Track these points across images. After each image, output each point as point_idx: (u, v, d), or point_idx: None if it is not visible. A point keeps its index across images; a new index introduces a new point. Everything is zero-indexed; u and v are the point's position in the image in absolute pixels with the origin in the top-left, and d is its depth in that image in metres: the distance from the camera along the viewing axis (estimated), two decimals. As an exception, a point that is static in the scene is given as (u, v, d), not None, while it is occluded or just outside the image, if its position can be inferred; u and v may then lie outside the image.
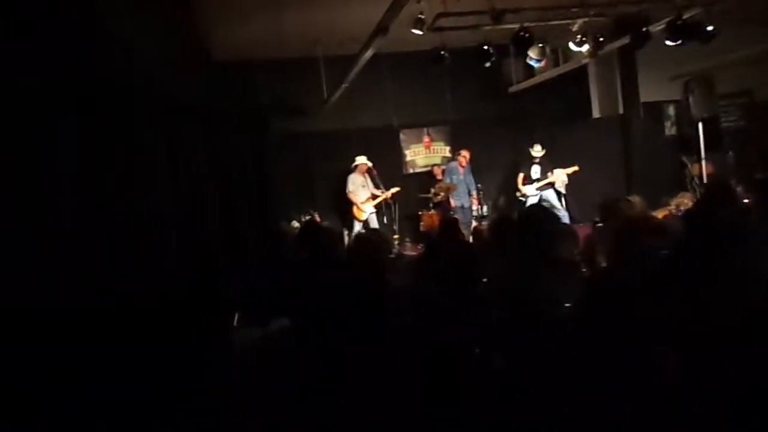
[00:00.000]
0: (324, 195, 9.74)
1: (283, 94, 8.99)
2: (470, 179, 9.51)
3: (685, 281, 2.66)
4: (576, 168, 9.01)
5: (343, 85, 7.66)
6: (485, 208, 9.48)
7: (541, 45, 5.64)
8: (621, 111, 10.02)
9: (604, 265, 3.94)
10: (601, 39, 5.61)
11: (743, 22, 6.64)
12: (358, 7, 6.86)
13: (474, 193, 9.47)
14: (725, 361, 2.20)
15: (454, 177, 9.36)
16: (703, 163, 8.67)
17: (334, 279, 3.54)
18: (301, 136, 9.43)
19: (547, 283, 2.96)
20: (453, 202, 9.25)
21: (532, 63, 6.07)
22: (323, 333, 3.59)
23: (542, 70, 9.62)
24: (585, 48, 6.15)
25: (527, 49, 5.62)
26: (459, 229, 4.61)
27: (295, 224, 8.96)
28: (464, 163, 9.37)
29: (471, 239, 5.78)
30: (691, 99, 8.06)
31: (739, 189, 9.43)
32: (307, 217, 9.01)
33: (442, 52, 5.65)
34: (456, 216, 8.53)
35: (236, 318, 6.08)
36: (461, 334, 2.62)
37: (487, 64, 5.74)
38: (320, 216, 9.30)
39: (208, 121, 6.75)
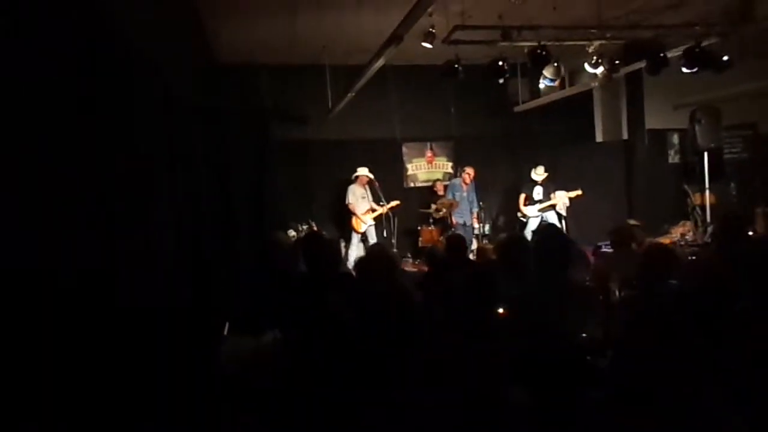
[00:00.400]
0: (323, 205, 9.59)
1: (286, 100, 8.87)
2: (473, 197, 9.40)
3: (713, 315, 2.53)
4: (579, 192, 8.93)
5: (349, 95, 7.55)
6: (487, 227, 9.36)
7: (556, 64, 5.56)
8: (624, 136, 9.99)
9: (617, 292, 3.82)
10: (617, 62, 5.54)
11: (749, 55, 6.60)
12: (369, 17, 6.77)
13: (475, 211, 9.35)
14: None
15: (457, 194, 9.23)
16: (707, 193, 8.62)
17: (342, 294, 3.40)
18: (303, 144, 9.31)
19: (566, 310, 2.83)
20: (454, 219, 9.12)
21: (546, 82, 5.98)
22: (325, 348, 3.45)
23: (548, 91, 9.59)
24: (600, 70, 6.09)
25: (543, 68, 5.54)
26: (467, 248, 4.48)
27: (293, 233, 8.80)
28: (468, 180, 9.25)
29: (474, 259, 5.63)
30: (697, 128, 8.02)
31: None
32: (305, 227, 8.87)
33: (456, 66, 5.55)
34: (458, 233, 8.41)
35: (227, 327, 5.90)
36: (478, 364, 2.46)
37: (501, 81, 5.64)
38: (318, 226, 9.15)
39: (208, 122, 6.61)
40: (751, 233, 6.56)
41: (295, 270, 5.62)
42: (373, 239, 8.93)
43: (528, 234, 9.27)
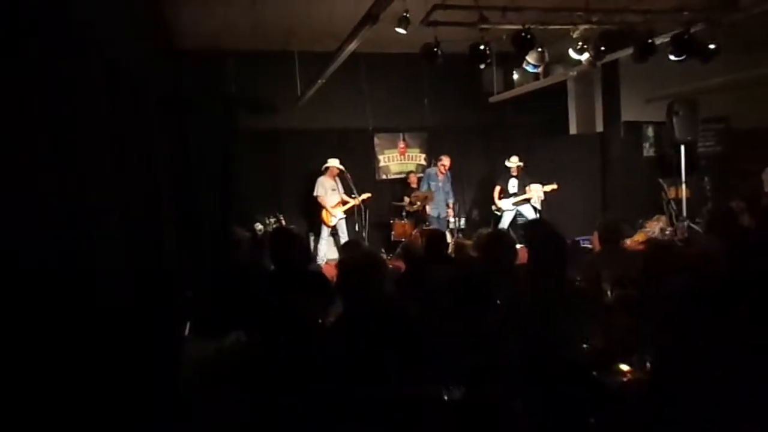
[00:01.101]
0: (291, 197, 9.19)
1: (253, 88, 8.43)
2: (449, 188, 9.05)
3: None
4: (555, 186, 8.72)
5: (319, 81, 7.18)
6: (462, 221, 9.09)
7: (540, 49, 5.28)
8: (599, 129, 9.84)
9: (609, 292, 3.56)
10: (602, 48, 5.29)
11: (736, 44, 6.45)
12: (338, 0, 6.42)
13: (450, 202, 9.03)
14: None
15: (433, 183, 8.87)
16: (683, 186, 8.51)
17: (312, 295, 3.08)
18: (271, 133, 8.89)
19: (565, 314, 2.54)
20: (428, 211, 8.78)
21: (528, 68, 5.70)
22: (292, 352, 3.14)
23: (523, 81, 9.38)
24: (585, 56, 5.84)
25: (527, 53, 5.25)
26: (447, 244, 4.19)
27: (260, 227, 8.40)
28: (444, 171, 8.89)
29: (452, 255, 5.31)
30: (675, 121, 7.87)
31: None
32: (273, 221, 8.47)
33: (435, 49, 5.21)
34: (432, 226, 8.11)
35: (188, 327, 5.50)
36: (470, 370, 2.16)
37: (482, 66, 5.33)
38: (286, 220, 8.77)
39: (167, 111, 6.18)
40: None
41: (261, 268, 5.27)
42: (343, 233, 8.58)
43: (503, 227, 9.07)
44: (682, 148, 8.03)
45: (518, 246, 4.30)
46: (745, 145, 9.44)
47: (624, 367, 2.38)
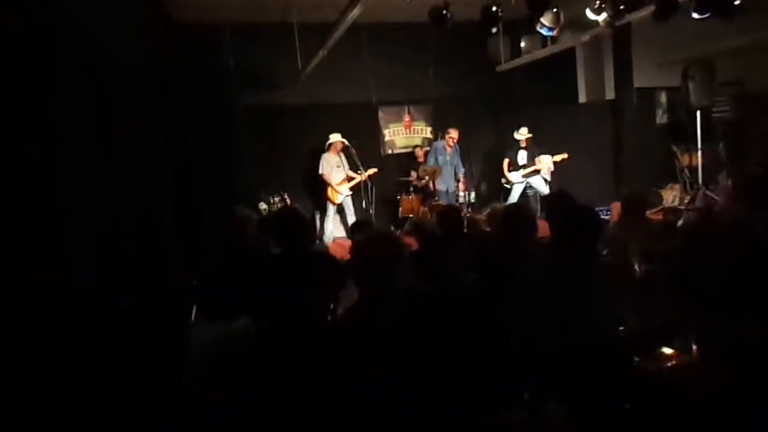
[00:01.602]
0: (294, 175, 8.96)
1: (252, 62, 8.13)
2: (457, 161, 8.72)
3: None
4: (565, 155, 8.46)
5: (321, 52, 6.89)
6: (473, 195, 8.84)
7: (555, 10, 4.98)
8: (607, 96, 9.53)
9: (637, 267, 3.35)
10: (622, 7, 4.98)
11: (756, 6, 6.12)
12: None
13: (461, 175, 8.73)
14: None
15: (440, 157, 8.55)
16: (699, 154, 8.23)
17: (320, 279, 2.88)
18: (272, 109, 8.62)
19: (596, 293, 2.32)
20: (437, 185, 8.47)
21: (543, 31, 5.40)
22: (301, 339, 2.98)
23: (530, 49, 9.06)
24: (603, 17, 5.53)
25: (542, 14, 4.96)
26: (463, 221, 3.97)
27: (264, 206, 8.18)
28: (452, 143, 8.56)
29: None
30: (690, 85, 7.55)
31: (729, 182, 9.17)
32: (277, 199, 8.25)
33: (444, 12, 4.92)
34: (441, 201, 7.88)
35: (194, 312, 5.31)
36: (496, 367, 1.96)
37: (494, 30, 5.04)
38: (290, 198, 8.55)
39: (163, 88, 5.91)
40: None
41: (266, 250, 5.06)
42: (350, 210, 8.35)
43: (512, 201, 8.83)
44: (698, 113, 7.72)
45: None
46: (761, 110, 9.14)
47: (667, 351, 2.18)
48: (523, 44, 9.47)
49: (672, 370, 2.03)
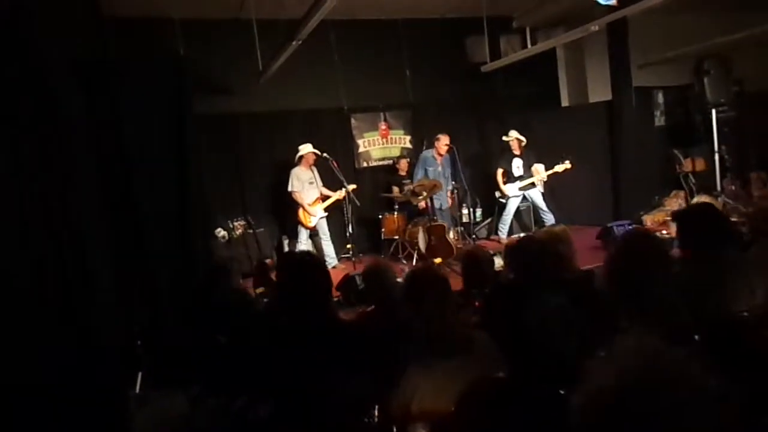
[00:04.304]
0: (254, 193, 7.76)
1: (204, 64, 6.91)
2: (449, 172, 7.51)
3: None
4: (568, 165, 7.54)
5: (284, 53, 5.80)
6: (479, 212, 7.75)
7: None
8: (591, 100, 8.76)
9: None
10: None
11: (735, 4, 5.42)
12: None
13: (449, 190, 7.53)
14: None
15: (430, 170, 7.32)
16: (716, 155, 7.41)
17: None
18: (229, 118, 7.41)
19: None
20: (432, 203, 7.04)
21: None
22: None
23: (508, 51, 8.24)
24: (612, 1, 4.80)
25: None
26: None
27: (222, 233, 6.98)
28: (443, 152, 7.31)
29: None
30: (706, 81, 6.79)
31: (732, 187, 8.49)
32: (238, 223, 7.07)
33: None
34: (440, 222, 6.75)
35: (138, 379, 4.08)
36: None
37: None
38: (253, 220, 7.37)
39: (94, 94, 4.73)
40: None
41: (242, 296, 3.96)
42: (325, 234, 7.17)
43: (507, 217, 7.87)
44: (713, 112, 6.96)
45: (522, 234, 3.15)
46: (759, 109, 8.56)
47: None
48: (502, 46, 8.67)
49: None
